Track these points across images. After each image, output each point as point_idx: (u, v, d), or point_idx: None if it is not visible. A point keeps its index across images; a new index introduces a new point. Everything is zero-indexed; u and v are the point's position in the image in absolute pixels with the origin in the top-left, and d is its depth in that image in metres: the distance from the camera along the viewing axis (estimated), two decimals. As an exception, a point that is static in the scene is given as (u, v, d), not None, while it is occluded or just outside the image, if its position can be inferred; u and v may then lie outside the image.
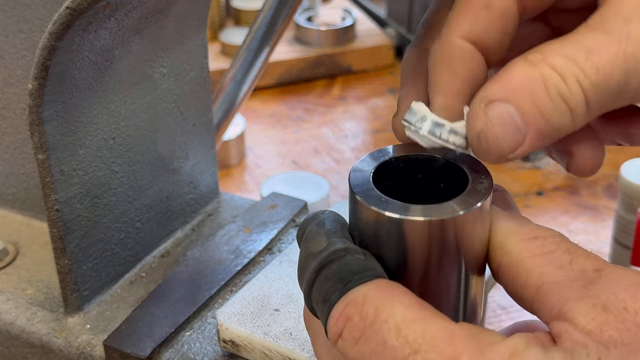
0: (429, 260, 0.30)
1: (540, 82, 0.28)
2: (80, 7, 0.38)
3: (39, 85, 0.40)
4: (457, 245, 0.30)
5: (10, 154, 0.53)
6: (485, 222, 0.30)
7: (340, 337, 0.29)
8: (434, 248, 0.30)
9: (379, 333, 0.28)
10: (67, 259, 0.45)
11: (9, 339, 0.47)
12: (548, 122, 0.28)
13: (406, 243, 0.29)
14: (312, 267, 0.30)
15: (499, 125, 0.28)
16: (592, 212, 0.80)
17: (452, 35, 0.30)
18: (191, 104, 0.52)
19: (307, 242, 0.31)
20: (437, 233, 0.29)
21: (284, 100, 1.01)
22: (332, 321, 0.29)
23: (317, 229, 0.32)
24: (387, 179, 0.31)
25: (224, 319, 0.41)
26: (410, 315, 0.28)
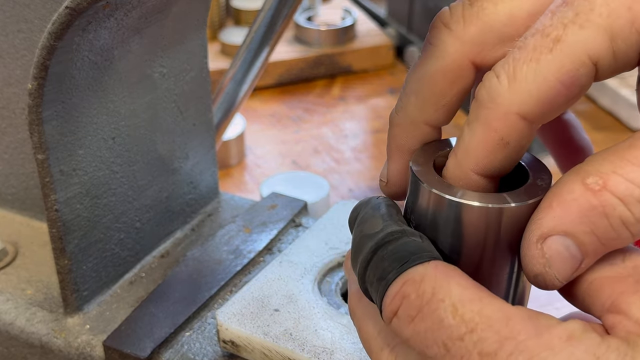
0: (484, 248, 0.30)
1: (601, 212, 0.26)
2: (80, 6, 0.38)
3: (38, 85, 0.40)
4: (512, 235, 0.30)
5: (9, 154, 0.52)
6: None
7: (396, 316, 0.29)
8: (489, 235, 0.30)
9: (436, 311, 0.28)
10: (67, 259, 0.45)
11: (8, 339, 0.47)
12: (608, 247, 0.27)
13: (463, 228, 0.30)
14: (369, 247, 0.31)
15: (557, 264, 0.28)
16: (592, 212, 0.80)
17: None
18: (191, 104, 0.52)
19: (362, 225, 0.32)
20: (495, 221, 0.29)
21: (284, 100, 1.01)
22: (388, 299, 0.30)
23: (372, 212, 0.32)
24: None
25: (223, 319, 0.41)
26: (467, 295, 0.28)
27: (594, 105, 0.98)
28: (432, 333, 0.28)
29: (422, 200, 0.31)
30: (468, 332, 0.27)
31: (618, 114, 0.94)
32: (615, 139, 0.99)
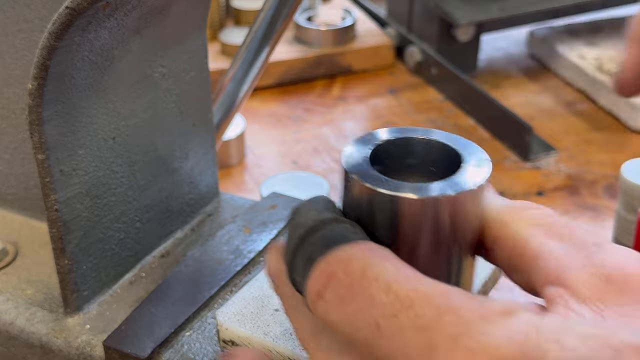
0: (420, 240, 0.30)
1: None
2: (80, 7, 0.38)
3: (38, 85, 0.40)
4: (449, 226, 0.29)
5: (9, 154, 0.52)
6: (479, 204, 0.30)
7: (322, 298, 0.28)
8: (425, 227, 0.29)
9: (367, 290, 0.27)
10: (67, 259, 0.45)
11: (8, 339, 0.47)
12: None
13: (399, 221, 0.29)
14: (297, 234, 0.29)
15: None
16: (592, 212, 0.80)
17: None
18: (191, 104, 0.52)
19: (296, 217, 0.31)
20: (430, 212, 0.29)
21: (284, 100, 1.01)
22: (312, 280, 0.28)
23: (308, 205, 0.31)
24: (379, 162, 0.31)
25: (223, 319, 0.41)
26: (401, 274, 0.27)
27: (593, 105, 0.98)
28: (362, 313, 0.27)
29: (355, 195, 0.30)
30: (404, 309, 0.26)
31: (618, 114, 0.94)
32: (615, 139, 1.00)
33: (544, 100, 1.00)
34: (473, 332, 0.25)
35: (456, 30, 1.02)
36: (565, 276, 0.28)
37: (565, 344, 0.24)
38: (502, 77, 1.06)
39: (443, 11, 1.00)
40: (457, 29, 1.02)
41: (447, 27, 1.02)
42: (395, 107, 1.00)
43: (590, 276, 0.27)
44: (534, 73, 1.07)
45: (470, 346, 0.25)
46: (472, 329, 0.25)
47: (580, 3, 1.06)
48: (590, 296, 0.27)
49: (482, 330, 0.25)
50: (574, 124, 0.95)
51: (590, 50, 1.02)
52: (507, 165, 0.87)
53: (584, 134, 0.93)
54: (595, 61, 1.00)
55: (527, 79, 1.06)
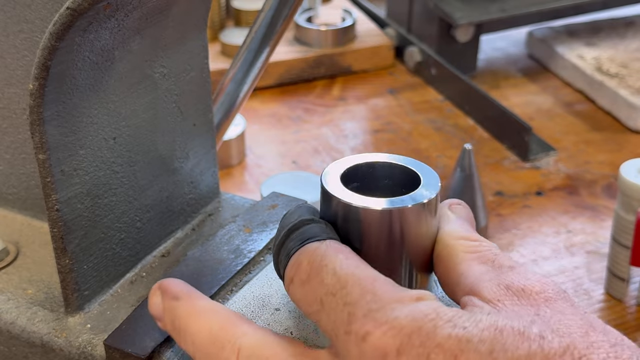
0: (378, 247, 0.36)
1: None
2: (81, 7, 0.38)
3: (39, 85, 0.40)
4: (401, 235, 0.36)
5: (10, 154, 0.53)
6: (429, 219, 0.37)
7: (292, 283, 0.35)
8: (383, 235, 0.36)
9: (319, 274, 0.33)
10: (68, 258, 0.45)
11: (9, 339, 0.48)
12: None
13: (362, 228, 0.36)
14: (282, 232, 0.36)
15: None
16: (591, 212, 0.80)
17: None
18: (191, 104, 0.52)
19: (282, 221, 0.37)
20: (386, 221, 0.35)
21: (284, 100, 1.01)
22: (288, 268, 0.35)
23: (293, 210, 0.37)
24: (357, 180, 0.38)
25: None
26: (347, 263, 0.33)
27: (593, 105, 0.98)
28: (313, 292, 0.33)
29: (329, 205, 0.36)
30: (340, 289, 0.32)
31: (617, 114, 0.94)
32: (614, 139, 1.00)
33: (543, 100, 1.01)
34: (385, 309, 0.31)
35: (456, 30, 1.02)
36: (477, 287, 0.34)
37: (457, 323, 0.30)
38: (501, 77, 1.06)
39: (443, 11, 1.00)
40: (457, 29, 1.02)
41: (447, 27, 1.02)
42: (395, 107, 1.00)
43: (495, 285, 0.33)
44: (534, 73, 1.07)
45: (379, 319, 0.31)
46: (385, 307, 0.31)
47: (580, 3, 1.06)
48: (491, 299, 0.33)
49: (392, 307, 0.31)
50: (573, 124, 0.95)
51: (589, 51, 1.02)
52: (507, 165, 0.87)
53: (583, 134, 0.93)
54: (594, 61, 1.00)
55: (527, 79, 1.06)
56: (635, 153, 0.89)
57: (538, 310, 0.32)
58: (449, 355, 0.29)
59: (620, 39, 1.05)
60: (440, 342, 0.30)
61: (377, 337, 0.30)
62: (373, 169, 0.38)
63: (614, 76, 0.96)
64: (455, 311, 0.31)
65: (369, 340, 0.30)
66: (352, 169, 0.38)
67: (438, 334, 0.30)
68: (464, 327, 0.30)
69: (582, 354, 0.29)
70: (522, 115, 0.91)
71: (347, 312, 0.32)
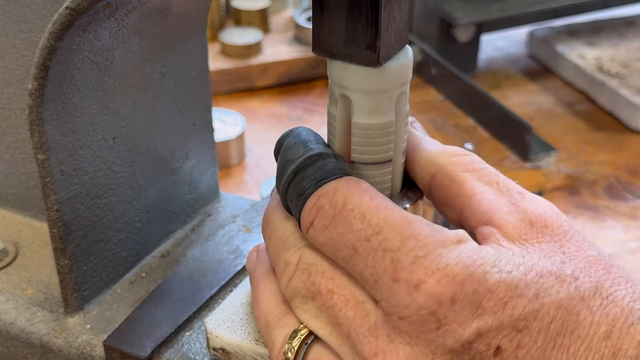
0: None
1: None
2: (80, 7, 0.38)
3: (39, 85, 0.40)
4: None
5: (10, 154, 0.53)
6: None
7: (312, 226, 0.34)
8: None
9: (346, 219, 0.33)
10: (67, 259, 0.45)
11: (9, 339, 0.47)
12: None
13: None
14: (290, 169, 0.35)
15: None
16: (592, 213, 0.80)
17: None
18: (191, 104, 0.52)
19: (285, 152, 0.36)
20: None
21: (284, 100, 1.01)
22: (305, 212, 0.34)
23: (293, 140, 0.36)
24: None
25: (213, 327, 0.41)
26: (373, 204, 0.33)
27: (593, 105, 0.98)
28: (342, 237, 0.33)
29: None
30: (374, 234, 0.32)
31: (618, 114, 0.94)
32: (615, 139, 1.00)
33: (543, 100, 1.01)
34: (431, 255, 0.31)
35: (456, 30, 1.02)
36: (496, 218, 0.34)
37: (502, 268, 0.31)
38: (502, 77, 1.06)
39: (443, 11, 1.00)
40: (457, 29, 1.02)
41: (447, 27, 1.02)
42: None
43: (517, 220, 0.34)
44: (534, 73, 1.07)
45: (429, 266, 0.31)
46: (430, 252, 0.31)
47: (580, 3, 1.06)
48: (517, 237, 0.33)
49: (438, 253, 0.31)
50: (574, 124, 0.95)
51: (590, 51, 1.02)
52: (507, 165, 0.87)
53: (583, 134, 0.93)
54: (595, 61, 1.00)
55: (527, 79, 1.06)
56: (636, 153, 0.89)
57: (562, 247, 0.33)
58: (499, 302, 0.30)
59: (621, 39, 1.05)
60: (491, 289, 0.30)
61: (431, 285, 0.30)
62: None
63: (614, 76, 0.96)
64: (494, 253, 0.32)
65: (423, 288, 0.30)
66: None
67: (488, 281, 0.30)
68: (509, 272, 0.31)
69: (608, 293, 0.32)
70: (522, 115, 0.91)
71: (389, 258, 0.31)
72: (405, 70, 0.35)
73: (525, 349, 0.30)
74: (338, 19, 0.33)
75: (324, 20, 0.33)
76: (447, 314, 0.30)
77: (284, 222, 0.37)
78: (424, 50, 1.04)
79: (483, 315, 0.30)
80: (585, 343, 0.31)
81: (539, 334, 0.31)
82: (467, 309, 0.30)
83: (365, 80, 0.34)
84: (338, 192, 0.33)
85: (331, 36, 0.33)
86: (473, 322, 0.30)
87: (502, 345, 0.30)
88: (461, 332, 0.30)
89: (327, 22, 0.33)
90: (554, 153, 0.89)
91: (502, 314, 0.30)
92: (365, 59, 0.33)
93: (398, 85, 0.35)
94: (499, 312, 0.30)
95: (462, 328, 0.30)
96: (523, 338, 0.30)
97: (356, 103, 0.35)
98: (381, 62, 0.33)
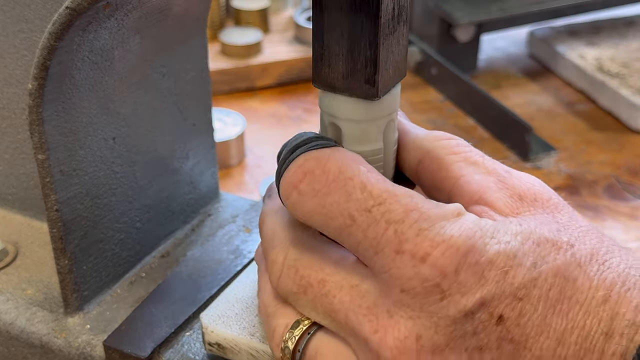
0: None
1: None
2: (80, 7, 0.38)
3: (38, 85, 0.40)
4: None
5: (10, 154, 0.52)
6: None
7: (297, 189, 0.33)
8: None
9: (344, 187, 0.32)
10: (67, 259, 0.45)
11: (8, 339, 0.47)
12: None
13: None
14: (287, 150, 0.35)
15: None
16: (592, 213, 0.80)
17: None
18: (191, 104, 0.52)
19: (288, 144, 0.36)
20: None
21: (284, 100, 1.01)
22: (289, 173, 0.33)
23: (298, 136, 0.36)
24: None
25: (208, 322, 0.41)
26: (372, 176, 0.32)
27: (594, 105, 0.98)
28: (338, 206, 0.32)
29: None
30: (376, 205, 0.32)
31: (618, 114, 0.94)
32: (615, 139, 1.00)
33: (544, 100, 1.01)
34: (435, 227, 0.31)
35: (456, 30, 1.02)
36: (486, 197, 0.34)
37: (501, 239, 0.31)
38: (502, 77, 1.06)
39: (443, 11, 1.00)
40: (457, 29, 1.02)
41: (447, 27, 1.02)
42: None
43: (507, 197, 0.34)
44: (534, 73, 1.07)
45: (434, 239, 0.31)
46: (434, 224, 0.31)
47: (581, 3, 1.06)
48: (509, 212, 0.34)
49: (442, 225, 0.31)
50: (574, 124, 0.95)
51: (590, 51, 1.02)
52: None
53: (584, 134, 0.93)
54: (595, 61, 1.00)
55: (527, 79, 1.06)
56: (636, 153, 0.89)
57: (555, 217, 0.34)
58: (500, 271, 0.31)
59: (622, 39, 1.05)
60: (492, 259, 0.31)
61: (436, 257, 0.30)
62: None
63: (615, 76, 0.96)
64: (492, 224, 0.32)
65: (428, 260, 0.30)
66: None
67: (488, 251, 0.31)
68: (508, 242, 0.31)
69: (604, 259, 0.32)
70: (522, 115, 0.91)
71: (392, 230, 0.31)
72: (393, 100, 0.36)
73: (527, 316, 0.31)
74: (338, 54, 0.34)
75: (324, 55, 0.34)
76: (450, 285, 0.30)
77: (272, 219, 0.37)
78: (424, 50, 1.04)
79: (485, 285, 0.31)
80: (584, 307, 0.31)
81: (539, 302, 0.31)
82: (470, 280, 0.31)
83: (354, 110, 0.35)
84: (332, 158, 0.33)
85: (331, 70, 0.35)
86: (476, 292, 0.30)
87: (504, 313, 0.31)
88: (464, 302, 0.30)
89: (327, 57, 0.34)
90: (554, 153, 0.89)
91: (504, 283, 0.31)
92: (364, 92, 0.34)
93: (386, 115, 0.36)
94: (500, 282, 0.31)
95: (465, 298, 0.30)
96: (524, 306, 0.31)
97: (345, 131, 0.36)
98: (380, 96, 0.34)
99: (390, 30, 0.33)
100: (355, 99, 0.34)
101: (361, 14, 0.32)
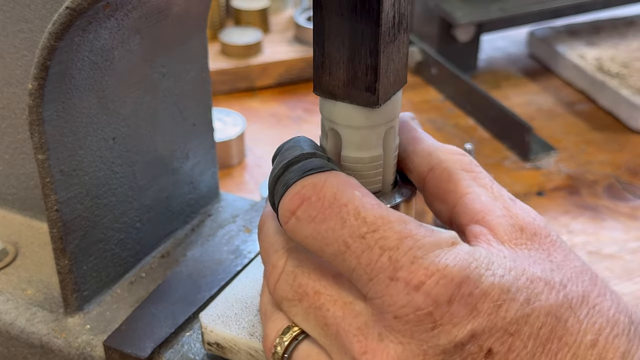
0: None
1: None
2: (80, 7, 0.38)
3: (39, 85, 0.40)
4: None
5: (10, 154, 0.52)
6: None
7: (294, 215, 0.33)
8: None
9: (338, 214, 0.32)
10: (67, 259, 0.45)
11: (8, 340, 0.47)
12: None
13: None
14: (281, 165, 0.35)
15: None
16: (592, 213, 0.80)
17: None
18: (191, 104, 0.52)
19: (281, 154, 0.36)
20: None
21: (284, 100, 1.01)
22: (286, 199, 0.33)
23: (292, 144, 0.36)
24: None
25: (208, 322, 0.41)
26: (367, 202, 0.32)
27: (594, 105, 0.98)
28: (333, 232, 0.32)
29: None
30: (370, 232, 0.32)
31: (618, 114, 0.94)
32: (615, 139, 1.00)
33: (544, 100, 1.01)
34: (429, 256, 0.31)
35: (456, 30, 1.02)
36: (488, 219, 0.35)
37: (495, 272, 0.31)
38: (502, 77, 1.06)
39: (443, 11, 1.00)
40: (457, 29, 1.02)
41: (447, 27, 1.02)
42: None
43: (509, 225, 0.34)
44: (534, 73, 1.07)
45: (429, 267, 0.31)
46: (429, 253, 0.31)
47: (581, 3, 1.06)
48: (507, 240, 0.34)
49: (436, 254, 0.31)
50: (574, 124, 0.95)
51: (590, 51, 1.02)
52: (507, 166, 0.87)
53: (584, 134, 0.93)
54: (595, 61, 1.00)
55: (527, 79, 1.06)
56: (636, 153, 0.89)
57: (550, 256, 0.34)
58: (493, 304, 0.31)
59: (622, 39, 1.05)
60: (486, 292, 0.31)
61: (430, 286, 0.30)
62: None
63: (615, 76, 0.96)
64: (486, 255, 0.32)
65: (422, 289, 0.30)
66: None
67: (483, 283, 0.31)
68: (502, 276, 0.31)
69: (595, 302, 0.33)
70: (522, 115, 0.91)
71: (387, 257, 0.31)
72: (394, 107, 0.36)
73: (516, 352, 0.31)
74: (339, 62, 0.34)
75: (324, 62, 0.35)
76: (443, 314, 0.30)
77: (275, 222, 0.36)
78: (424, 50, 1.04)
79: (477, 317, 0.31)
80: (572, 350, 0.31)
81: (529, 339, 0.31)
82: (463, 311, 0.31)
83: (355, 117, 0.35)
84: (327, 184, 0.33)
85: (332, 78, 0.35)
86: (468, 323, 0.31)
87: (494, 347, 0.31)
88: (455, 333, 0.31)
89: (327, 65, 0.35)
90: (554, 153, 0.89)
91: (496, 316, 0.31)
92: (365, 100, 0.34)
93: (386, 122, 0.36)
94: (492, 315, 0.31)
95: (456, 329, 0.31)
96: (514, 342, 0.31)
97: (345, 138, 0.36)
98: (380, 104, 0.34)
99: (390, 38, 0.33)
100: (356, 106, 0.35)
101: (362, 22, 0.33)
